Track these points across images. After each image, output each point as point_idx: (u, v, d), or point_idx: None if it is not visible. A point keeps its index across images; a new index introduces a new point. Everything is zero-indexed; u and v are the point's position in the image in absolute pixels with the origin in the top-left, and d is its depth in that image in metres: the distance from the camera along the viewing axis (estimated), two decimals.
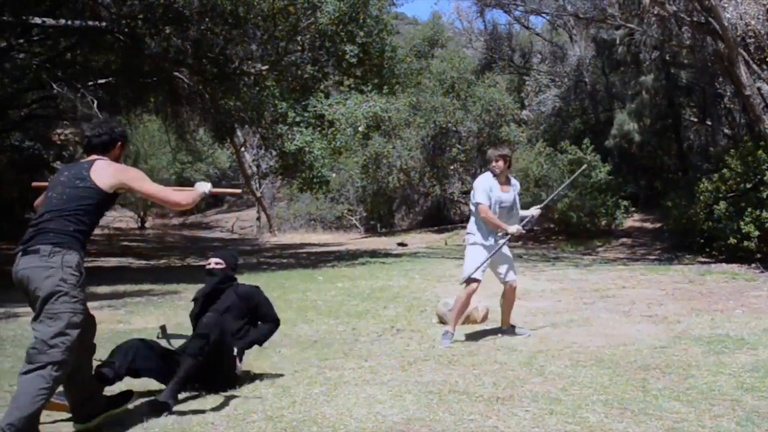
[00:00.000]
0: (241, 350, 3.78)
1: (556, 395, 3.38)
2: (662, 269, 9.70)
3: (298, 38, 13.24)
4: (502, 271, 4.97)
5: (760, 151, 10.47)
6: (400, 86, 15.34)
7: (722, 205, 10.75)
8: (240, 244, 21.35)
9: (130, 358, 3.36)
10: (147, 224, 33.26)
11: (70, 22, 11.21)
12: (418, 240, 19.29)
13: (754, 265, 9.75)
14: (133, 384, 3.51)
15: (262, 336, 3.98)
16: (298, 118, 12.32)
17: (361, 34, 12.83)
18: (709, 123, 17.92)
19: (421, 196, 23.52)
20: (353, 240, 21.89)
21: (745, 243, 10.13)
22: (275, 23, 12.58)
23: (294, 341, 5.03)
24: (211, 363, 3.49)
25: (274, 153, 13.96)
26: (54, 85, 11.48)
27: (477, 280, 4.81)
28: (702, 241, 11.48)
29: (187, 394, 3.56)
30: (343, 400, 3.38)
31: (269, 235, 24.42)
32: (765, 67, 12.22)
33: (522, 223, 5.04)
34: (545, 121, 20.96)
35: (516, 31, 24.45)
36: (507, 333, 5.04)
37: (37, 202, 3.10)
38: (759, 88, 12.03)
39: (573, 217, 15.40)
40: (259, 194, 25.92)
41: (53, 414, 3.12)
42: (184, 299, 7.04)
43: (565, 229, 16.15)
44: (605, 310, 6.08)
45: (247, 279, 4.57)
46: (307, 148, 12.21)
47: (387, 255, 14.02)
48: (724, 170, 11.05)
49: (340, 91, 14.09)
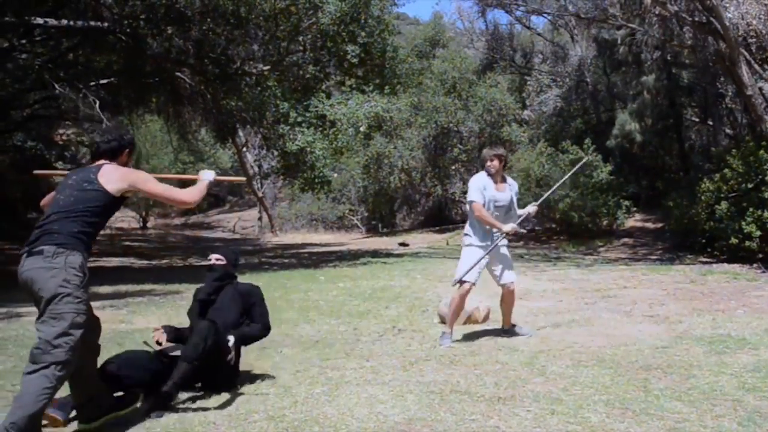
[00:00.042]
0: (237, 342, 3.67)
1: (557, 395, 3.39)
2: (664, 269, 9.68)
3: (300, 38, 13.26)
4: (498, 272, 4.90)
5: (762, 151, 10.44)
6: (402, 86, 15.32)
7: (724, 205, 10.74)
8: (242, 244, 21.37)
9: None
10: (149, 224, 33.33)
11: (72, 23, 11.23)
12: (420, 240, 19.28)
13: (755, 265, 9.72)
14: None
15: (251, 335, 3.83)
16: (299, 118, 12.32)
17: (363, 34, 12.82)
18: (711, 123, 17.91)
19: (423, 196, 23.52)
20: (355, 240, 21.89)
21: (747, 243, 10.12)
22: (277, 23, 12.60)
23: (296, 341, 5.04)
24: (212, 363, 3.49)
25: (276, 153, 13.96)
26: (56, 86, 11.51)
27: (470, 281, 4.76)
28: (703, 241, 11.46)
29: (189, 394, 3.57)
30: (345, 400, 3.39)
31: (271, 235, 24.44)
32: (766, 67, 12.21)
33: (519, 221, 4.95)
34: (546, 121, 20.97)
35: (517, 31, 24.53)
36: (508, 333, 5.04)
37: (44, 202, 3.14)
38: (760, 88, 12.02)
39: (574, 217, 15.40)
40: (260, 194, 25.94)
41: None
42: (186, 299, 7.04)
43: (567, 229, 16.15)
44: (607, 310, 6.07)
45: (249, 279, 4.58)
46: (308, 148, 12.22)
47: (388, 255, 14.02)
48: (726, 170, 11.02)
49: (342, 91, 14.08)
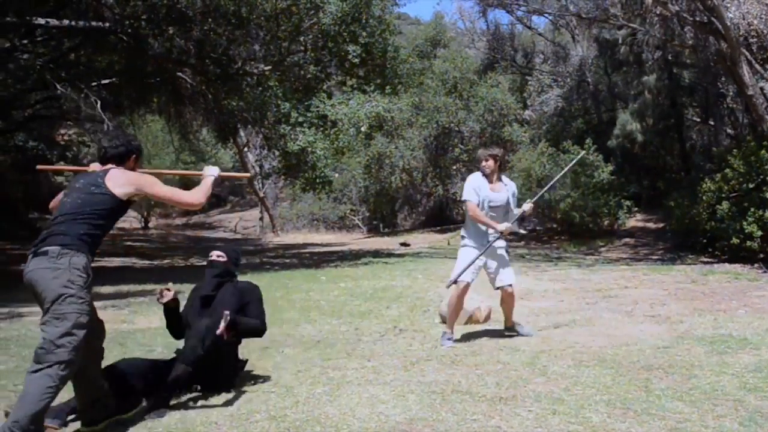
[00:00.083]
0: (233, 321, 3.49)
1: (559, 395, 3.39)
2: (665, 269, 9.66)
3: (301, 38, 13.27)
4: (493, 274, 4.84)
5: (763, 151, 10.43)
6: (403, 86, 15.34)
7: (725, 205, 10.73)
8: (243, 243, 21.37)
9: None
10: (150, 224, 33.34)
11: (73, 23, 11.24)
12: (421, 240, 19.26)
13: (756, 265, 9.71)
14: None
15: (249, 323, 3.69)
16: (300, 119, 12.33)
17: (364, 34, 12.83)
18: (712, 123, 17.88)
19: (424, 196, 23.50)
20: (356, 240, 21.89)
21: (748, 243, 10.11)
22: (278, 24, 12.61)
23: (297, 341, 5.05)
24: (211, 364, 3.50)
25: (277, 153, 13.97)
26: (57, 86, 11.52)
27: (465, 281, 4.74)
28: (705, 241, 11.45)
29: (190, 395, 3.58)
30: (346, 400, 3.40)
31: (272, 235, 24.44)
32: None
33: (514, 220, 4.87)
34: (548, 121, 20.95)
35: (518, 31, 24.52)
36: (510, 333, 5.04)
37: (52, 204, 3.17)
38: (762, 88, 12.01)
39: (576, 217, 15.39)
40: (262, 194, 25.96)
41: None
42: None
43: (568, 229, 16.14)
44: (608, 310, 6.06)
45: (251, 279, 4.57)
46: (309, 149, 12.23)
47: (390, 255, 14.01)
48: (727, 170, 11.01)
49: (343, 91, 14.09)
